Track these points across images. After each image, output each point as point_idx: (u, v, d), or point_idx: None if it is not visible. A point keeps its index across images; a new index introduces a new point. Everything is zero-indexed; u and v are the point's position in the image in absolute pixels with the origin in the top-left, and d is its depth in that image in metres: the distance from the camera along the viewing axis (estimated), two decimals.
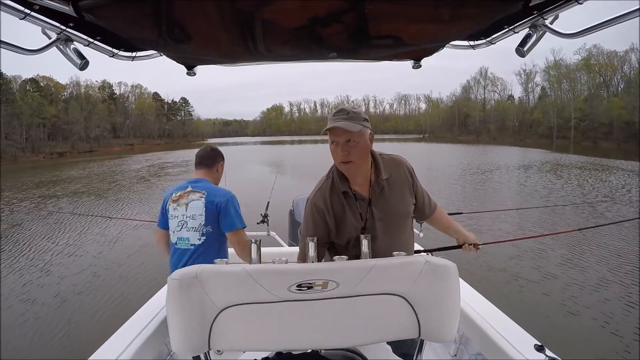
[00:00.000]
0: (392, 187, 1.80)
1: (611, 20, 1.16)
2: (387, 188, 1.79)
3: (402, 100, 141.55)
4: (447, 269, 1.35)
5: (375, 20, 1.36)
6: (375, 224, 1.77)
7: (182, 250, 2.28)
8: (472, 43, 1.69)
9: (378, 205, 1.78)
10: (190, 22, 1.36)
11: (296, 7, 1.25)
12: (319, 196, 1.77)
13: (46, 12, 1.21)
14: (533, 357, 1.67)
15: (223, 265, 1.38)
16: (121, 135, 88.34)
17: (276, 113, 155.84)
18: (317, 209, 1.76)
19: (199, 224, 2.26)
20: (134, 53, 1.69)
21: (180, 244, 2.29)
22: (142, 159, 43.09)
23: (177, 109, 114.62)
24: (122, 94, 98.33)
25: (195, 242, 2.26)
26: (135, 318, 2.10)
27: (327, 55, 1.72)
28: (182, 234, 2.28)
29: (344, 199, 1.76)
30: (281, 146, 69.15)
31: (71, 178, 26.57)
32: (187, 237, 2.27)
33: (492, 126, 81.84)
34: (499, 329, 1.88)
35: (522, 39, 1.49)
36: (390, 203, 1.80)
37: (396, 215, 1.84)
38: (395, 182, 1.82)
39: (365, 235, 1.53)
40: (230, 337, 1.33)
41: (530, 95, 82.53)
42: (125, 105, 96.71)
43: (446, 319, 1.36)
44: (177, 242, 2.30)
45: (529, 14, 1.36)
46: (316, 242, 1.62)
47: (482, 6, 1.29)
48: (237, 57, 1.75)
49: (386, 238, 1.81)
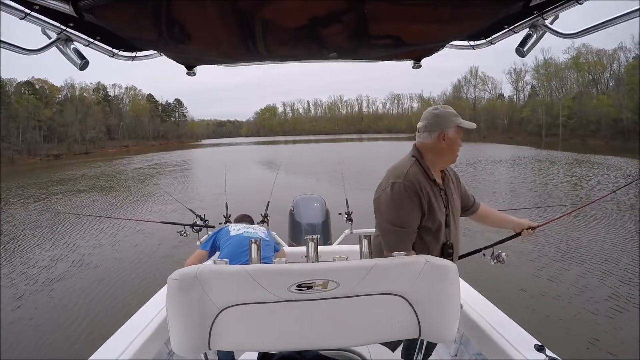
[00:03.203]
0: (453, 182, 1.99)
1: (611, 20, 1.17)
2: (451, 183, 1.98)
3: (395, 100, 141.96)
4: (447, 269, 1.36)
5: (375, 20, 1.36)
6: (450, 214, 1.91)
7: (248, 237, 2.53)
8: (472, 43, 1.69)
9: (448, 196, 1.93)
10: (190, 22, 1.36)
11: (296, 7, 1.25)
12: (411, 179, 1.78)
13: (46, 12, 1.20)
14: (533, 357, 1.68)
15: (223, 265, 1.37)
16: (116, 137, 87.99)
17: (270, 113, 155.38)
18: (412, 191, 1.75)
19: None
20: (134, 53, 1.68)
21: (247, 233, 2.60)
22: (143, 159, 43.61)
23: (171, 110, 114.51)
24: (116, 95, 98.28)
25: (261, 236, 2.58)
26: (135, 318, 2.09)
27: (327, 55, 1.72)
28: (248, 230, 2.63)
29: (433, 186, 1.85)
30: (275, 146, 69.08)
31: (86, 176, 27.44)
32: (255, 231, 2.62)
33: (482, 125, 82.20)
34: (499, 329, 1.89)
35: (522, 39, 1.50)
36: (454, 197, 1.97)
37: (457, 208, 2.00)
38: (453, 178, 2.04)
39: (365, 235, 1.53)
40: (231, 337, 1.33)
41: (520, 93, 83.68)
42: (120, 107, 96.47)
43: (446, 319, 1.36)
44: (244, 233, 2.61)
45: (529, 14, 1.37)
46: (316, 241, 1.62)
47: (482, 6, 1.30)
48: (237, 57, 1.74)
49: (454, 229, 1.94)
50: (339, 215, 4.22)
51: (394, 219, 1.77)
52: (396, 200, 1.74)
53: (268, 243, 2.68)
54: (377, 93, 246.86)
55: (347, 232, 4.02)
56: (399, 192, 1.74)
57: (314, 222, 4.02)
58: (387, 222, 1.82)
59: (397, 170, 1.82)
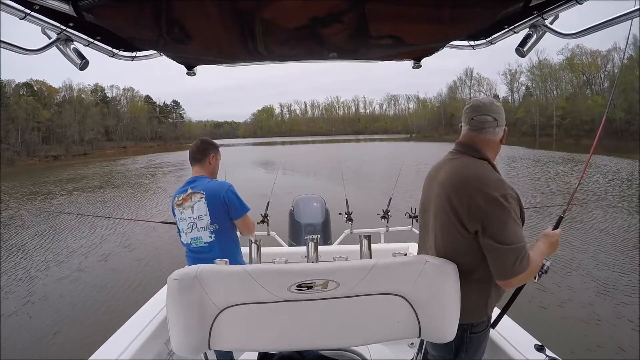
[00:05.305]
0: None
1: (611, 20, 1.18)
2: None
3: (391, 101, 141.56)
4: (447, 269, 1.36)
5: (375, 20, 1.36)
6: None
7: (199, 248, 2.33)
8: (472, 43, 1.70)
9: None
10: (190, 22, 1.36)
11: (296, 7, 1.25)
12: (511, 188, 1.46)
13: (46, 12, 1.20)
14: (533, 357, 1.68)
15: (223, 265, 1.37)
16: (114, 138, 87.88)
17: (267, 114, 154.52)
18: (517, 201, 1.45)
19: (207, 224, 2.29)
20: (134, 53, 1.68)
21: (194, 243, 2.34)
22: (145, 159, 44.05)
23: (168, 112, 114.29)
24: (114, 97, 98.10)
25: (207, 240, 2.31)
26: (135, 318, 2.10)
27: (327, 55, 1.72)
28: (194, 234, 2.33)
29: None
30: (273, 147, 69.07)
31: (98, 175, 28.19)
32: (199, 237, 2.32)
33: None
34: (499, 329, 1.89)
35: (522, 39, 1.50)
36: None
37: None
38: None
39: (365, 234, 1.53)
40: (231, 337, 1.33)
41: (515, 94, 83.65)
42: (118, 108, 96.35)
43: (446, 319, 1.36)
44: (191, 242, 2.35)
45: (529, 14, 1.37)
46: (316, 241, 1.62)
47: (482, 6, 1.30)
48: (237, 57, 1.75)
49: None
50: (339, 215, 4.22)
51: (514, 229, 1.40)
52: (513, 208, 1.42)
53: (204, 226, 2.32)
54: (374, 94, 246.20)
55: (347, 232, 4.02)
56: (513, 199, 1.42)
57: (314, 222, 4.01)
58: None
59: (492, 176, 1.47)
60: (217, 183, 2.40)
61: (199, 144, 2.51)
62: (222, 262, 1.45)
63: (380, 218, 3.93)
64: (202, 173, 2.43)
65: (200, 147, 2.48)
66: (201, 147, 2.48)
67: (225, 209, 2.30)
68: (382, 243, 3.59)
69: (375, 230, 3.81)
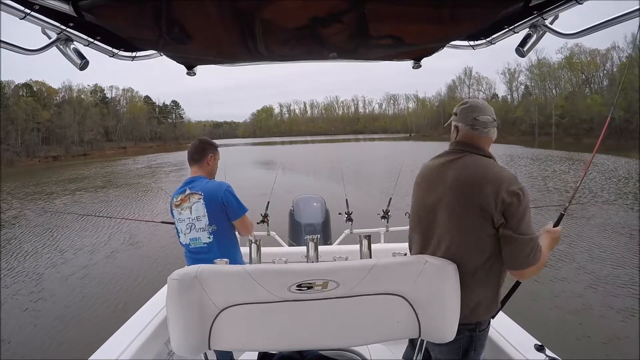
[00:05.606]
0: None
1: (611, 20, 1.18)
2: None
3: (390, 100, 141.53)
4: (447, 269, 1.36)
5: (375, 20, 1.36)
6: None
7: (197, 249, 2.32)
8: (472, 43, 1.70)
9: None
10: (190, 22, 1.36)
11: (296, 7, 1.25)
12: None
13: (46, 12, 1.20)
14: (533, 357, 1.68)
15: (223, 265, 1.37)
16: (114, 138, 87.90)
17: (266, 114, 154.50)
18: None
19: (205, 224, 2.28)
20: (134, 53, 1.68)
21: (193, 243, 2.33)
22: (145, 160, 44.47)
23: (168, 112, 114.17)
24: (113, 97, 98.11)
25: (206, 241, 2.30)
26: (135, 318, 2.09)
27: (327, 55, 1.72)
28: (193, 235, 2.32)
29: None
30: (273, 147, 69.10)
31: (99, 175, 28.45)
32: (198, 237, 2.31)
33: None
34: (499, 329, 1.89)
35: (522, 39, 1.50)
36: None
37: None
38: None
39: (365, 234, 1.53)
40: (231, 337, 1.33)
41: (514, 93, 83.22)
42: (117, 108, 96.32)
43: (446, 319, 1.36)
44: (190, 243, 2.34)
45: (529, 14, 1.37)
46: (316, 241, 1.62)
47: (482, 6, 1.30)
48: (237, 57, 1.74)
49: None
50: (339, 215, 4.21)
51: (529, 221, 1.48)
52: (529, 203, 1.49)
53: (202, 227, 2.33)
54: (374, 94, 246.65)
55: (347, 232, 4.02)
56: (528, 195, 1.49)
57: (314, 222, 4.00)
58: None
59: (506, 173, 1.51)
60: (215, 184, 2.39)
61: (197, 144, 2.49)
62: (222, 262, 1.45)
63: (380, 218, 3.92)
64: (201, 173, 2.42)
65: (198, 147, 2.46)
66: (199, 147, 2.47)
67: (224, 210, 2.29)
68: (382, 243, 3.58)
69: (375, 230, 3.80)
